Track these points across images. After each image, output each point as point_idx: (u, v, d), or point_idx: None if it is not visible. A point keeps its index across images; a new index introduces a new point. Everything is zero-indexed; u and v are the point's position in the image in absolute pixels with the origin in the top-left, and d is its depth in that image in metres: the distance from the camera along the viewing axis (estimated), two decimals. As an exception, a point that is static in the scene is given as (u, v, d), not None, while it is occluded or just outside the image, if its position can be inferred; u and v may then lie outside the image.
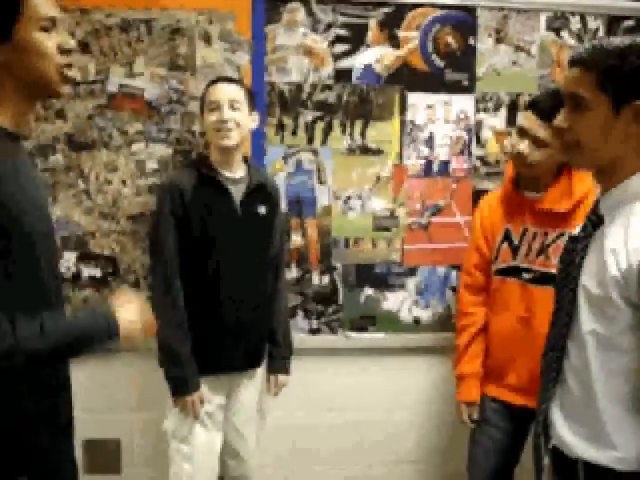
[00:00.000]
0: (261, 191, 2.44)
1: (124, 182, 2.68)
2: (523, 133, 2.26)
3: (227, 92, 2.33)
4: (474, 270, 2.49)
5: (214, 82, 2.39)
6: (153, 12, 2.63)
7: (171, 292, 2.28)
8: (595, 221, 1.50)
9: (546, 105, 2.19)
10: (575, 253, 1.51)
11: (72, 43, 1.42)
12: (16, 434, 1.37)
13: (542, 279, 2.29)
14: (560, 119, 1.49)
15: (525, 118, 2.29)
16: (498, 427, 2.45)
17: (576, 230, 2.13)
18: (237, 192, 2.37)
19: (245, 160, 2.46)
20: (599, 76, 1.41)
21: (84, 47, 2.59)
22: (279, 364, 2.56)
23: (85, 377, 2.04)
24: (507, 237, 2.40)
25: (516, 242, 2.37)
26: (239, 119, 2.32)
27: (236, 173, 2.39)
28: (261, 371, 2.55)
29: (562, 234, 2.25)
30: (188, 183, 2.31)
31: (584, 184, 2.24)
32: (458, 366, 2.49)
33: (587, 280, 1.46)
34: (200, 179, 2.33)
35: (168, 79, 2.66)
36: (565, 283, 1.52)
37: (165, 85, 2.67)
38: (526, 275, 2.34)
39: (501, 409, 2.43)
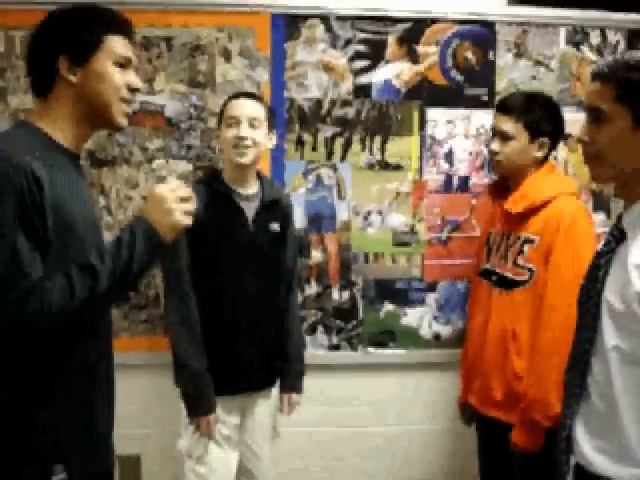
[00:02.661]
0: (274, 207, 2.39)
1: (145, 198, 2.68)
2: (494, 133, 2.35)
3: (248, 109, 2.27)
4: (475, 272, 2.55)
5: (235, 97, 2.33)
6: (173, 29, 2.66)
7: (186, 310, 2.23)
8: (618, 236, 1.49)
9: (507, 101, 2.32)
10: (598, 268, 1.50)
11: (140, 84, 1.61)
12: (52, 422, 1.45)
13: (500, 282, 2.29)
14: (582, 132, 1.49)
15: (493, 119, 2.39)
16: (478, 434, 2.50)
17: (530, 235, 2.19)
18: (250, 209, 2.32)
19: (258, 176, 2.41)
20: (618, 89, 1.41)
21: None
22: (292, 383, 2.49)
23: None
24: (487, 240, 2.44)
25: (490, 245, 2.40)
26: (257, 138, 2.26)
27: (249, 189, 2.35)
28: (275, 390, 2.48)
29: (518, 238, 2.25)
30: (199, 199, 2.22)
31: (546, 191, 2.23)
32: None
33: (610, 295, 1.44)
34: (212, 195, 2.28)
35: (188, 95, 2.69)
36: (588, 298, 1.51)
37: (185, 102, 2.69)
38: (493, 278, 2.34)
39: (475, 413, 2.44)
